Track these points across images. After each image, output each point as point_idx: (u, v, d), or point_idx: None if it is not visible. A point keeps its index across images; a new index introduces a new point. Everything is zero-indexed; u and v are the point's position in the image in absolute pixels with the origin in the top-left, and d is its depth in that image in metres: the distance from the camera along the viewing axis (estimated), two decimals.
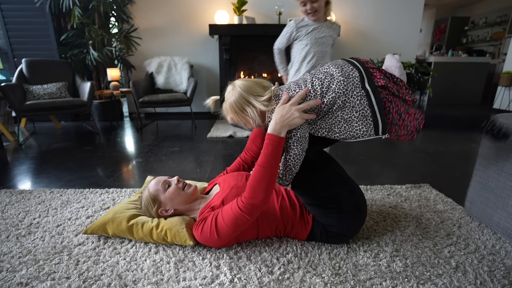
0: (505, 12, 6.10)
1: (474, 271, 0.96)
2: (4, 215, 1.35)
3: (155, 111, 4.15)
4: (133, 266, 0.98)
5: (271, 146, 0.90)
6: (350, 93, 0.88)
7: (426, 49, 7.62)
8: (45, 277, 0.93)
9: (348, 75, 0.89)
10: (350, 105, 0.89)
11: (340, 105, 0.90)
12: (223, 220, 0.96)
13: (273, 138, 0.90)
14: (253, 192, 0.91)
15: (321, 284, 0.90)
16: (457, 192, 1.58)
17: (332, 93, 0.89)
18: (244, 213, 0.93)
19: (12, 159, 2.27)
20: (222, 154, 2.35)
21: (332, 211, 1.01)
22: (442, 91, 5.54)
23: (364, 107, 0.88)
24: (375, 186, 1.66)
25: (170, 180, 1.17)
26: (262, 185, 0.90)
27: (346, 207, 1.02)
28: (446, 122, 1.09)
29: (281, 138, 0.90)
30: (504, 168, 1.12)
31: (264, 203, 0.93)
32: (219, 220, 0.97)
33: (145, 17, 3.80)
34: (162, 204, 1.14)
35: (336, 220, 1.03)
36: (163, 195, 1.13)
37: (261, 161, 0.91)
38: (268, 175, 0.91)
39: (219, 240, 0.99)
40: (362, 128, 0.90)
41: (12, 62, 3.64)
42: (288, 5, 3.81)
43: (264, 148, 0.92)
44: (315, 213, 1.06)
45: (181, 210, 1.16)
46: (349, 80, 0.89)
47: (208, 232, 0.98)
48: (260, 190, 0.90)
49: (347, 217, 1.03)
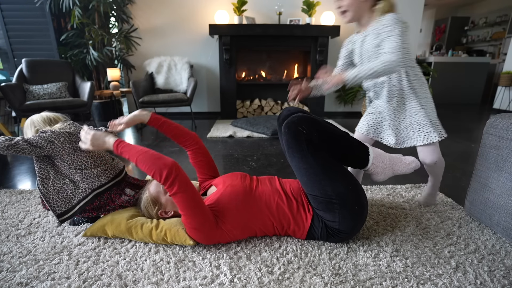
0: (505, 12, 6.10)
1: (474, 271, 0.96)
2: (4, 215, 1.35)
3: (155, 111, 4.15)
4: (133, 266, 0.98)
5: (123, 150, 1.01)
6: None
7: (426, 49, 7.63)
8: (45, 277, 0.93)
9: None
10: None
11: None
12: (182, 213, 1.00)
13: (116, 147, 1.02)
14: (157, 176, 0.95)
15: (321, 284, 0.90)
16: (457, 192, 1.58)
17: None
18: (177, 192, 0.95)
19: (12, 159, 2.27)
20: (222, 154, 2.35)
21: (336, 206, 1.02)
22: (442, 91, 5.54)
23: None
24: (375, 186, 1.66)
25: None
26: (151, 167, 0.95)
27: (349, 204, 1.03)
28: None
29: (115, 141, 1.03)
30: (504, 168, 1.12)
31: (170, 168, 0.95)
32: (183, 218, 1.01)
33: (145, 17, 3.80)
34: (163, 205, 1.14)
35: (338, 217, 1.03)
36: (164, 197, 1.13)
37: (132, 160, 0.99)
38: (142, 157, 0.97)
39: (199, 232, 1.01)
40: None
41: (12, 62, 3.64)
42: (288, 5, 3.82)
43: (123, 155, 1.01)
44: (319, 207, 1.06)
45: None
46: None
47: (190, 231, 1.03)
48: (155, 168, 0.94)
49: (349, 214, 1.03)
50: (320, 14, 3.76)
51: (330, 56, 3.98)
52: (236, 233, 1.06)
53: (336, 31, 3.54)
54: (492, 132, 1.17)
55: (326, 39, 3.60)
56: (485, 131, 1.21)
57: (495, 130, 1.16)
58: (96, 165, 1.20)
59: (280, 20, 3.81)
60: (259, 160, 2.18)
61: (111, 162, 1.26)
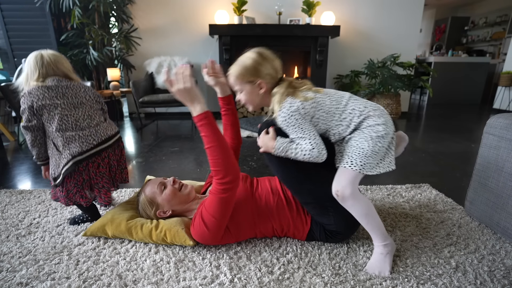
0: (505, 12, 6.10)
1: (474, 271, 0.96)
2: (4, 215, 1.35)
3: (155, 111, 4.15)
4: (133, 266, 0.98)
5: (205, 125, 0.92)
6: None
7: (426, 49, 7.62)
8: (45, 277, 0.93)
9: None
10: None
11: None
12: (208, 212, 0.98)
13: (199, 118, 0.92)
14: (219, 173, 0.93)
15: (321, 284, 0.90)
16: (457, 192, 1.58)
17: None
18: (222, 195, 0.94)
19: (12, 159, 2.27)
20: None
21: (329, 210, 1.02)
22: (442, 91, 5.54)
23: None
24: (375, 186, 1.66)
25: (165, 181, 1.17)
26: (221, 162, 0.92)
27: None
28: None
29: (204, 113, 0.92)
30: (504, 168, 1.12)
31: (235, 175, 0.94)
32: (204, 213, 0.99)
33: (145, 17, 3.80)
34: (160, 206, 1.14)
35: (333, 219, 1.03)
36: (160, 197, 1.14)
37: (206, 143, 0.93)
38: (219, 150, 0.92)
39: (210, 233, 1.00)
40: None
41: (12, 62, 3.64)
42: (288, 5, 3.81)
43: (201, 131, 0.93)
44: (313, 212, 1.06)
45: (179, 211, 1.16)
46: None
47: (199, 227, 1.01)
48: (223, 167, 0.93)
49: (344, 215, 1.03)
50: (320, 14, 3.76)
51: (330, 56, 3.98)
52: (237, 234, 1.06)
53: (336, 31, 3.54)
54: (492, 132, 1.17)
55: (326, 39, 3.60)
56: (485, 131, 1.21)
57: (495, 130, 1.16)
58: (78, 127, 1.13)
59: (280, 20, 3.80)
60: (259, 160, 2.18)
61: (95, 126, 1.17)
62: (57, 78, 1.16)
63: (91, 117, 1.18)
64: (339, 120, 0.95)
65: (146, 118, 4.09)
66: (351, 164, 0.92)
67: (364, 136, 0.93)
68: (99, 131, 1.18)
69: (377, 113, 0.94)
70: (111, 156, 1.21)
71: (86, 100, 1.20)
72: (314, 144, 0.92)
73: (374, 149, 0.92)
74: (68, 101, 1.15)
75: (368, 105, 0.96)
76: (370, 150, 0.92)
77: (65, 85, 1.16)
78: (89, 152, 1.13)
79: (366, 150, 0.92)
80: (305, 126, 0.92)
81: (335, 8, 3.84)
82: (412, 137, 2.93)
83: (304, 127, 0.92)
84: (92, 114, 1.19)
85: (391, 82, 3.54)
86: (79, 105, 1.17)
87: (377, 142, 0.92)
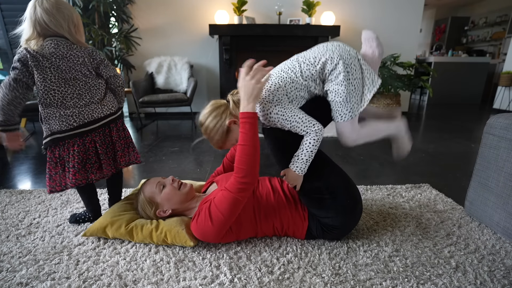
0: (505, 12, 6.10)
1: (474, 271, 0.96)
2: (4, 215, 1.35)
3: (155, 111, 4.15)
4: (133, 266, 0.98)
5: (248, 124, 0.93)
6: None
7: (426, 49, 7.62)
8: (45, 277, 0.93)
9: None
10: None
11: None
12: (217, 207, 0.97)
13: (246, 115, 0.93)
14: (241, 171, 0.93)
15: (321, 284, 0.90)
16: (457, 192, 1.58)
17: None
18: (236, 194, 0.95)
19: (12, 159, 2.27)
20: (222, 154, 2.35)
21: (327, 201, 1.03)
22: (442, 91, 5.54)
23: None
24: (375, 186, 1.66)
25: (164, 180, 1.17)
26: (248, 162, 0.93)
27: (341, 198, 1.04)
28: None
29: (253, 113, 0.94)
30: (504, 168, 1.12)
31: (254, 179, 0.96)
32: (213, 208, 0.99)
33: (145, 17, 3.80)
34: (160, 205, 1.13)
35: (331, 211, 1.03)
36: (159, 196, 1.13)
37: (242, 140, 0.94)
38: (251, 151, 0.93)
39: (214, 229, 0.99)
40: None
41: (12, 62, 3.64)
42: (288, 5, 3.81)
43: (241, 127, 0.94)
44: (310, 204, 1.06)
45: (179, 210, 1.16)
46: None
47: (203, 221, 1.00)
48: (248, 166, 0.93)
49: (342, 208, 1.04)
50: (320, 14, 3.76)
51: None
52: (237, 232, 1.06)
53: (336, 31, 3.54)
54: (492, 132, 1.17)
55: (326, 39, 3.60)
56: (485, 131, 1.21)
57: (495, 130, 1.16)
58: (63, 105, 1.06)
59: (280, 20, 3.80)
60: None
61: (83, 107, 1.09)
62: (55, 42, 1.04)
63: (80, 96, 1.08)
64: (305, 80, 1.01)
65: (146, 118, 4.09)
66: (341, 118, 1.02)
67: (332, 84, 0.99)
68: (85, 112, 1.08)
69: (328, 55, 0.98)
70: (98, 139, 1.13)
71: (81, 75, 1.09)
72: (311, 131, 0.97)
73: (349, 88, 0.98)
74: (60, 75, 1.05)
75: (317, 53, 1.00)
76: (346, 93, 0.98)
77: (62, 53, 1.04)
78: (67, 133, 1.06)
79: (343, 95, 0.98)
80: (294, 114, 0.98)
81: (335, 8, 3.84)
82: (412, 137, 2.93)
83: (296, 116, 0.98)
84: (83, 92, 1.09)
85: (391, 82, 3.54)
86: (70, 80, 1.07)
87: (345, 81, 0.97)
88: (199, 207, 1.07)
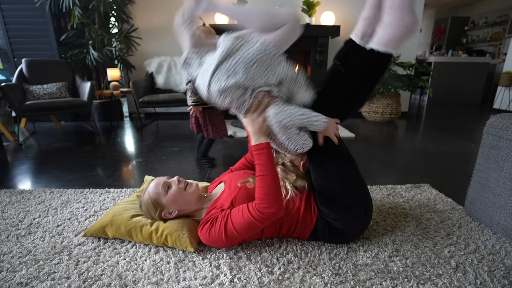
0: (505, 12, 6.09)
1: (474, 271, 0.96)
2: (4, 215, 1.35)
3: (155, 111, 4.15)
4: (133, 266, 0.98)
5: (262, 155, 0.95)
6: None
7: (426, 49, 7.62)
8: (45, 277, 0.93)
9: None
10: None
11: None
12: (233, 225, 0.96)
13: (260, 147, 0.96)
14: (265, 202, 0.93)
15: (321, 284, 0.90)
16: (457, 192, 1.58)
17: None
18: (257, 221, 0.94)
19: (12, 159, 2.27)
20: (222, 154, 2.35)
21: (341, 205, 1.03)
22: (442, 91, 5.54)
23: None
24: (375, 186, 1.65)
25: (170, 181, 1.11)
26: (271, 192, 0.93)
27: (355, 205, 1.04)
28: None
29: (266, 143, 0.97)
30: (504, 168, 1.12)
31: (280, 209, 0.95)
32: (229, 225, 0.97)
33: (145, 17, 3.80)
34: (165, 207, 1.09)
35: (342, 216, 1.03)
36: (164, 197, 1.08)
37: (260, 171, 0.95)
38: (272, 181, 0.94)
39: (226, 243, 1.00)
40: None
41: (12, 62, 3.64)
42: (288, 5, 3.81)
43: (256, 159, 0.97)
44: (324, 203, 1.05)
45: (185, 211, 1.13)
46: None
47: (216, 236, 0.98)
48: (271, 197, 0.93)
49: (354, 215, 1.04)
50: (320, 14, 3.76)
51: (330, 56, 3.98)
52: (244, 238, 1.05)
53: (336, 31, 3.54)
54: (492, 132, 1.17)
55: (326, 39, 3.60)
56: (485, 131, 1.21)
57: (495, 130, 1.16)
58: None
59: None
60: None
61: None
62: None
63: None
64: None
65: (146, 118, 4.09)
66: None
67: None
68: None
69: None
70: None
71: None
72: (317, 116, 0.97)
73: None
74: None
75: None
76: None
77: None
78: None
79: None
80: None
81: (335, 8, 3.84)
82: (412, 137, 2.94)
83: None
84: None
85: (391, 82, 3.55)
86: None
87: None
88: (210, 214, 1.04)
